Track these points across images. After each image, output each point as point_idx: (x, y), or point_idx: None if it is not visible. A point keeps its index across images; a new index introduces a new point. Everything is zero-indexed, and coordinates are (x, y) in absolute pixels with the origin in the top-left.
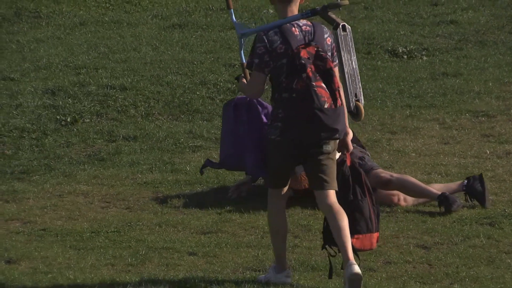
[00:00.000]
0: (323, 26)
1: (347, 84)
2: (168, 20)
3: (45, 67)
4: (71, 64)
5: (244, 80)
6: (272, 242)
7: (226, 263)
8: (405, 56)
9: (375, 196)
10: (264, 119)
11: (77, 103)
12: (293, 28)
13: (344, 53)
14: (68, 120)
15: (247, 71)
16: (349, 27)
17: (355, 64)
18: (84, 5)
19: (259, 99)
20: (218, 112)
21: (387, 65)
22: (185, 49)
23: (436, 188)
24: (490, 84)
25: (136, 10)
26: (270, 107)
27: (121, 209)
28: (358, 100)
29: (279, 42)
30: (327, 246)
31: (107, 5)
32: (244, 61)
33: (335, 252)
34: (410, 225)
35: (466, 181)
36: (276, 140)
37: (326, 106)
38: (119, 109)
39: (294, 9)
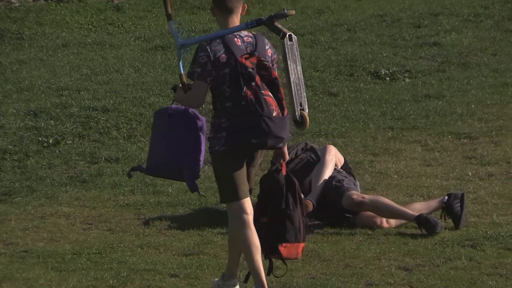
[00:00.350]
0: (264, 37)
1: (293, 93)
2: (150, 42)
3: (27, 88)
4: (53, 86)
5: (183, 91)
6: (249, 260)
7: (208, 285)
8: (388, 78)
9: (357, 219)
10: (199, 131)
11: (59, 124)
12: (236, 39)
13: (290, 62)
14: (50, 141)
15: (185, 82)
16: (295, 37)
17: (300, 74)
18: (67, 26)
19: (195, 110)
20: None
21: (369, 87)
22: (168, 70)
23: (417, 207)
24: (473, 106)
25: (118, 32)
26: (204, 119)
27: (103, 230)
28: (303, 109)
29: (222, 51)
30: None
31: (90, 26)
32: (182, 71)
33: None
34: (392, 247)
35: (446, 198)
36: (221, 151)
37: (274, 114)
38: (101, 130)
39: (236, 20)
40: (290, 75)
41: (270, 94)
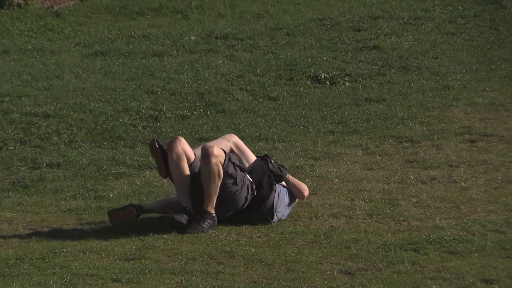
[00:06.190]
0: None
1: None
2: (90, 48)
3: None
4: None
5: None
6: None
7: None
8: (328, 82)
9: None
10: None
11: (0, 130)
12: None
13: None
14: None
15: None
16: None
17: None
18: (7, 33)
19: None
20: (141, 139)
21: (309, 91)
22: (108, 76)
23: None
24: (414, 109)
25: (59, 38)
26: None
27: (46, 236)
28: None
29: None
30: None
31: (30, 33)
32: None
33: None
34: (334, 251)
35: None
36: None
37: None
38: (43, 136)
39: None
40: None
41: None
